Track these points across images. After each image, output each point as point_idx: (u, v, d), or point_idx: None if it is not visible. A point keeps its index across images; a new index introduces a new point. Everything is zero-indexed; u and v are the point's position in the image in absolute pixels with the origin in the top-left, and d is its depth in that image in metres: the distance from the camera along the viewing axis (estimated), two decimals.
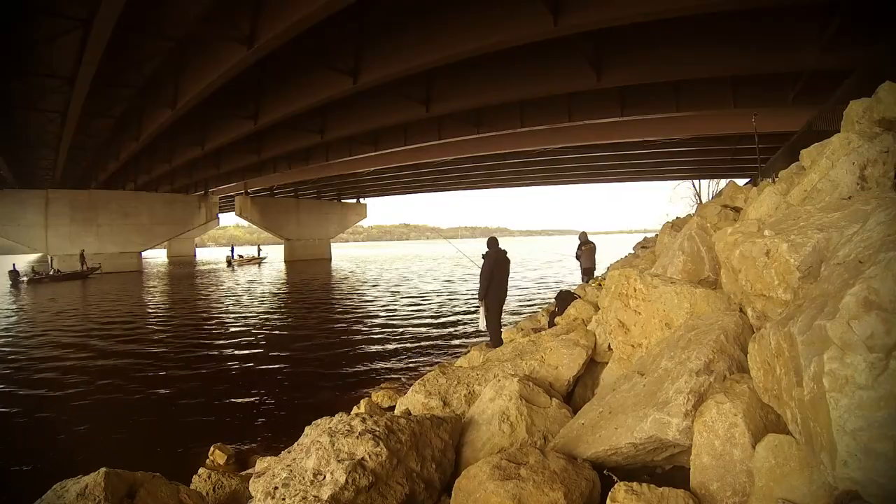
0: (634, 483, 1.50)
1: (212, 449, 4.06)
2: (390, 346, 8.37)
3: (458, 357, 6.36)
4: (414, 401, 2.88)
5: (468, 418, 2.36)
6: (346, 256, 47.76)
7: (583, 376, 2.91)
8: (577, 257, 10.34)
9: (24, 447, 4.59)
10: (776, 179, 4.30)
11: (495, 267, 5.71)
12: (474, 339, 8.19)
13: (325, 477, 1.64)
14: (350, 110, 14.82)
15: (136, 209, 29.17)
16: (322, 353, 8.13)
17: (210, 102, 12.57)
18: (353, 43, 10.50)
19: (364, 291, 17.53)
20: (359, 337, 9.33)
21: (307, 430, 1.98)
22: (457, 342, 8.49)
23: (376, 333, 9.55)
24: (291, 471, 1.70)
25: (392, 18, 9.84)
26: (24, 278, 23.49)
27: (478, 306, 5.88)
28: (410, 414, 2.44)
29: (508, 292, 6.07)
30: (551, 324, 5.15)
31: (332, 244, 42.31)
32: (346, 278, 23.56)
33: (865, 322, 1.01)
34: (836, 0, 7.45)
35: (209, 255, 61.40)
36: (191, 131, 17.31)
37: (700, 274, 2.87)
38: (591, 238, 10.42)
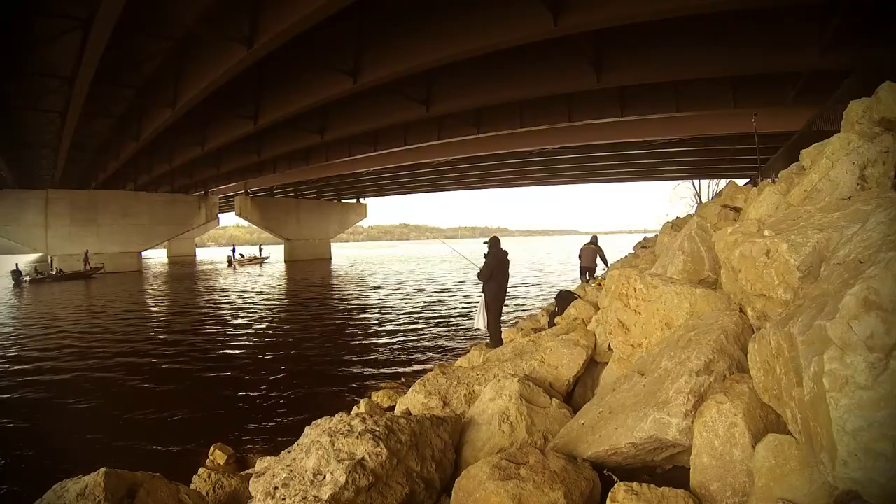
0: (634, 483, 1.50)
1: (212, 449, 4.07)
2: (390, 347, 8.36)
3: (458, 357, 6.37)
4: (414, 401, 2.88)
5: (468, 418, 2.36)
6: (346, 256, 47.71)
7: (583, 376, 2.91)
8: (580, 256, 10.83)
9: (24, 447, 4.59)
10: (776, 179, 4.30)
11: (497, 267, 5.70)
12: (474, 340, 8.19)
13: (325, 477, 1.64)
14: (350, 110, 14.81)
15: (136, 209, 29.17)
16: (322, 353, 8.13)
17: (210, 102, 12.56)
18: (353, 43, 10.49)
19: (364, 291, 17.53)
20: (359, 337, 9.33)
21: (307, 430, 1.98)
22: (457, 342, 8.49)
23: (376, 334, 9.55)
24: (291, 471, 1.70)
25: (392, 18, 9.83)
26: (27, 278, 23.52)
27: (478, 303, 5.88)
28: (410, 414, 2.44)
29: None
30: (551, 324, 5.16)
31: (332, 244, 42.30)
32: (346, 278, 23.54)
33: (865, 322, 1.01)
34: (836, 0, 7.44)
35: (209, 255, 61.32)
36: (191, 131, 17.30)
37: (700, 274, 2.87)
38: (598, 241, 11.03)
